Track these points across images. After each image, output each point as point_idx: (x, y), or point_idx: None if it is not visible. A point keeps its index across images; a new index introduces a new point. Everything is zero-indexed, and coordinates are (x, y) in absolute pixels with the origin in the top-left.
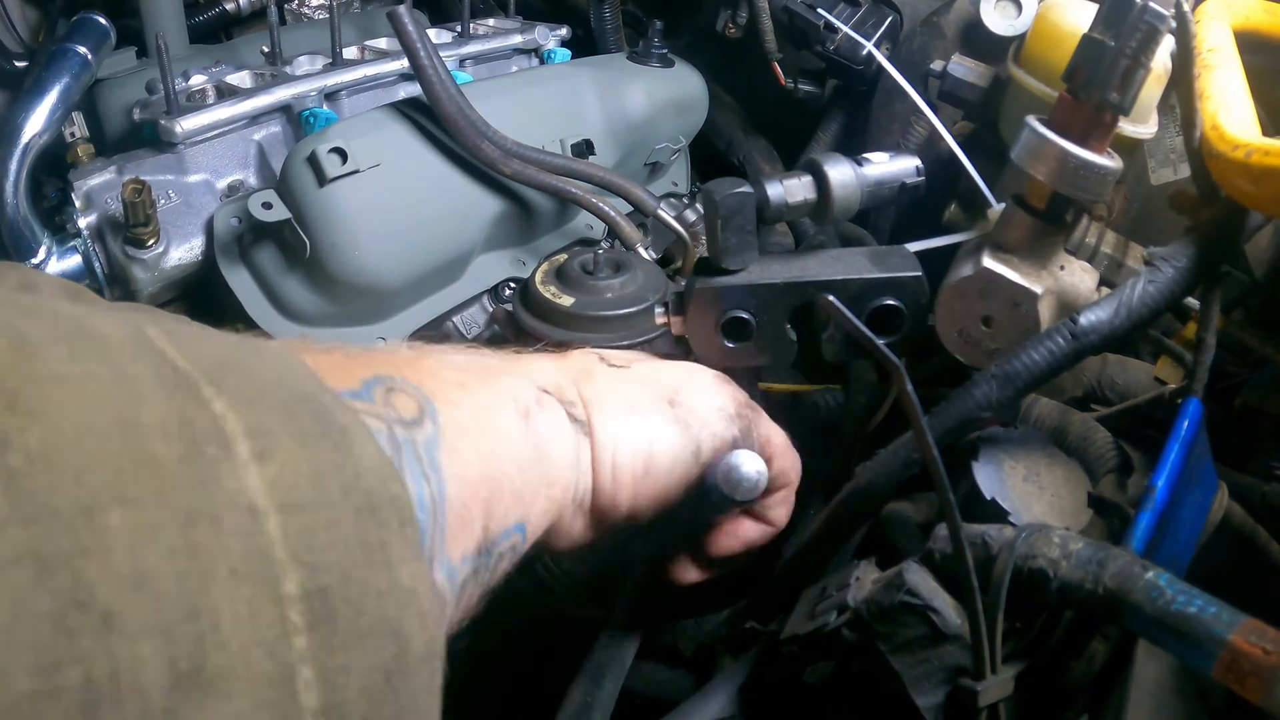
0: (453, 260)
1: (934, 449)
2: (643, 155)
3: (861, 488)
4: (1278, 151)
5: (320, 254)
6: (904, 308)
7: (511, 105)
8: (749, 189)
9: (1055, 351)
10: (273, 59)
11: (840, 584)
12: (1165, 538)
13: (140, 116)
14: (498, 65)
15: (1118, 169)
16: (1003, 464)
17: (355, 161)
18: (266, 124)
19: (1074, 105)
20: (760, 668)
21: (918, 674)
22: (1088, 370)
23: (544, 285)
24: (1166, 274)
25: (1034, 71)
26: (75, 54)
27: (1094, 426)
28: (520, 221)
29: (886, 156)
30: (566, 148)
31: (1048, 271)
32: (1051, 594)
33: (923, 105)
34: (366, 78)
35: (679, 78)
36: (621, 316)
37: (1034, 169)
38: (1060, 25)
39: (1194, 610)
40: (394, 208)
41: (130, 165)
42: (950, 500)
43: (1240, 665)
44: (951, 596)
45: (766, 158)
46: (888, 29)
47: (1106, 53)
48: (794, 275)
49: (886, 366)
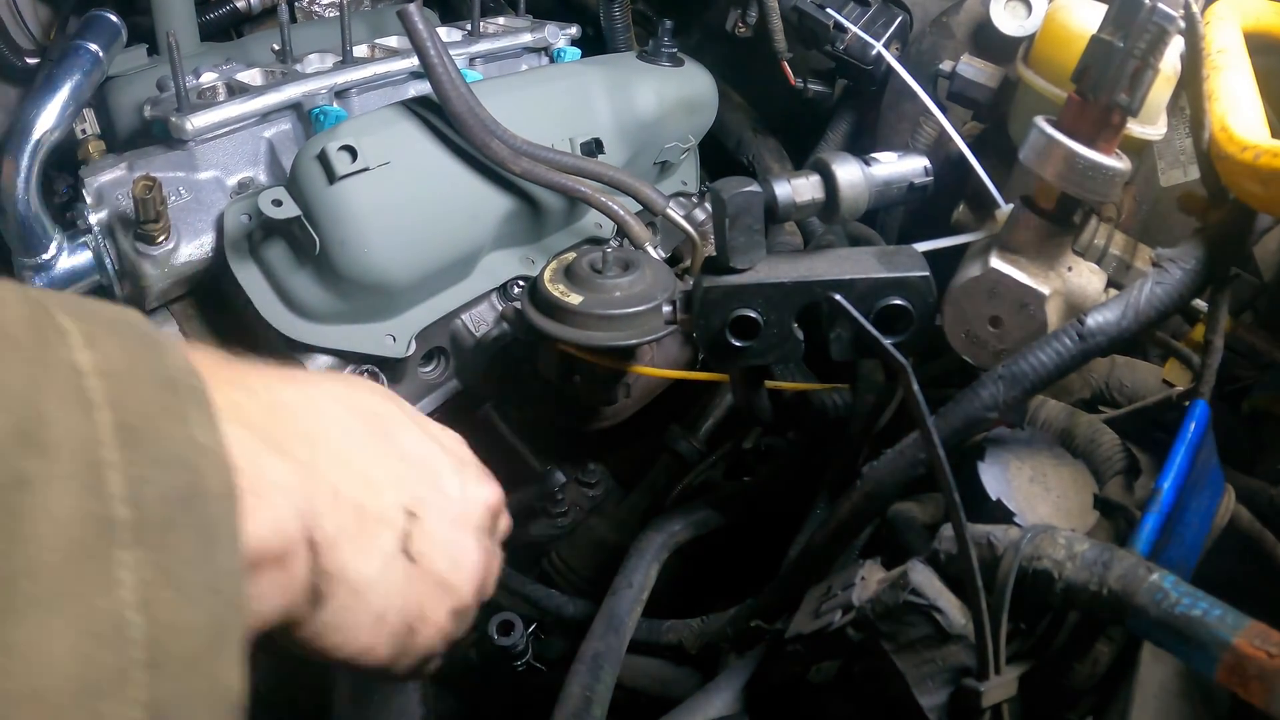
0: (462, 258)
1: (940, 449)
2: (652, 154)
3: (869, 489)
4: None
5: (330, 251)
6: (911, 308)
7: (521, 104)
8: (757, 188)
9: (1063, 352)
10: (283, 56)
11: (845, 583)
12: (1171, 541)
13: (151, 113)
14: (507, 64)
15: (1126, 170)
16: (1009, 465)
17: (365, 159)
18: (277, 121)
19: (1083, 106)
20: (765, 666)
21: (922, 674)
22: (1095, 372)
23: (553, 283)
24: (1174, 276)
25: (1043, 72)
26: (86, 51)
27: (1101, 428)
28: (529, 220)
29: (895, 156)
30: (576, 146)
31: (1055, 273)
32: (1056, 595)
33: (931, 106)
34: (377, 76)
35: (689, 77)
36: (629, 315)
37: (1042, 170)
38: (1069, 26)
39: (1198, 613)
40: (403, 205)
41: (141, 162)
42: (955, 501)
43: (1244, 668)
44: (956, 597)
45: (776, 157)
46: (897, 29)
47: (1115, 54)
48: (802, 275)
49: (893, 366)
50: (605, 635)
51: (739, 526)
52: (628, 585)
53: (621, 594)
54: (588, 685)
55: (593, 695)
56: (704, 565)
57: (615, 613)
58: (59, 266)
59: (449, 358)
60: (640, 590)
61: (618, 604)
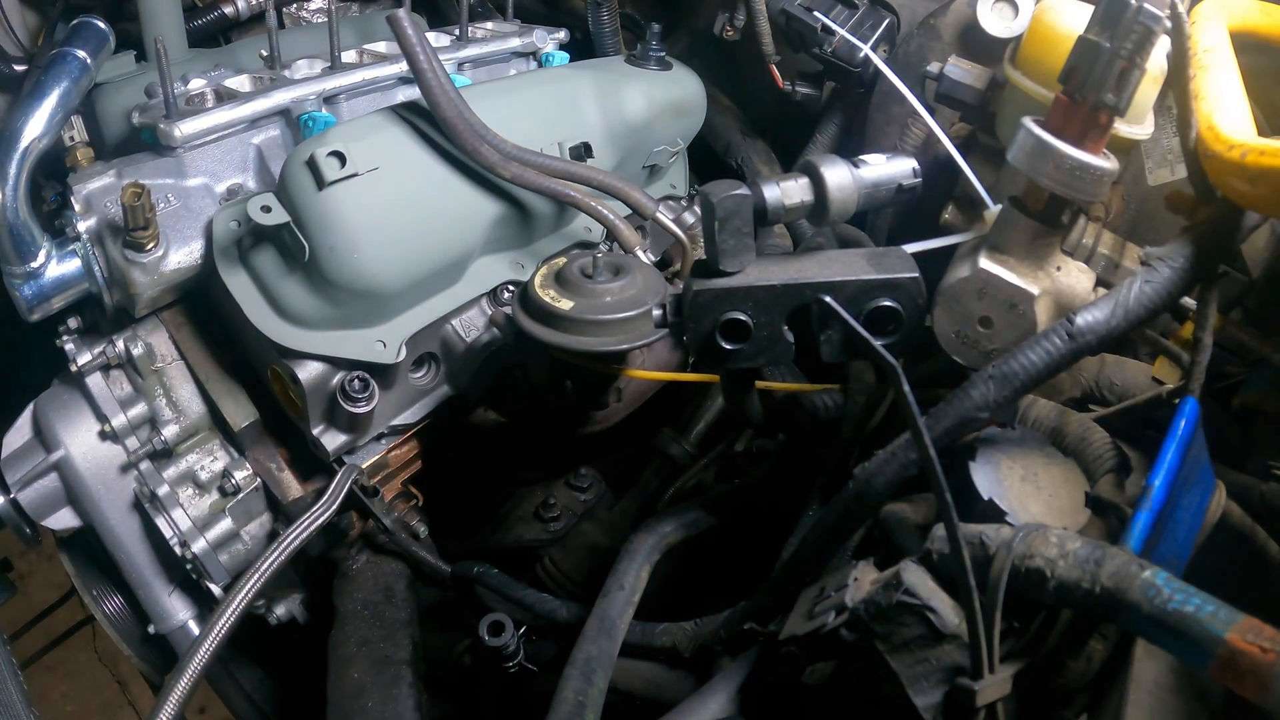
0: (451, 263)
1: (931, 450)
2: (641, 158)
3: (860, 490)
4: (1273, 151)
5: (319, 257)
6: (901, 309)
7: (510, 108)
8: (746, 191)
9: (1052, 352)
10: (271, 63)
11: (838, 584)
12: (1163, 537)
13: (139, 120)
14: (496, 68)
15: (1114, 170)
16: (1000, 464)
17: (354, 165)
18: (265, 127)
19: (1070, 107)
20: (759, 668)
21: (916, 674)
22: (1086, 371)
23: (543, 289)
24: (1163, 274)
25: (1030, 73)
26: (74, 58)
27: (1092, 427)
28: (519, 224)
29: (883, 159)
30: (565, 150)
31: (1044, 272)
32: (1049, 593)
33: (919, 107)
34: (365, 81)
35: (677, 80)
36: (621, 320)
37: (1030, 170)
38: (1056, 27)
39: (1191, 609)
40: (393, 210)
41: (129, 169)
42: (948, 501)
43: (1238, 664)
44: (950, 596)
45: (764, 159)
46: (884, 31)
47: (1102, 54)
48: (791, 277)
49: (884, 367)
50: (598, 638)
51: (732, 528)
52: (619, 587)
53: (613, 596)
54: (580, 689)
55: (586, 699)
56: (698, 568)
57: (607, 615)
58: (48, 274)
59: (439, 363)
60: (632, 592)
61: (609, 606)
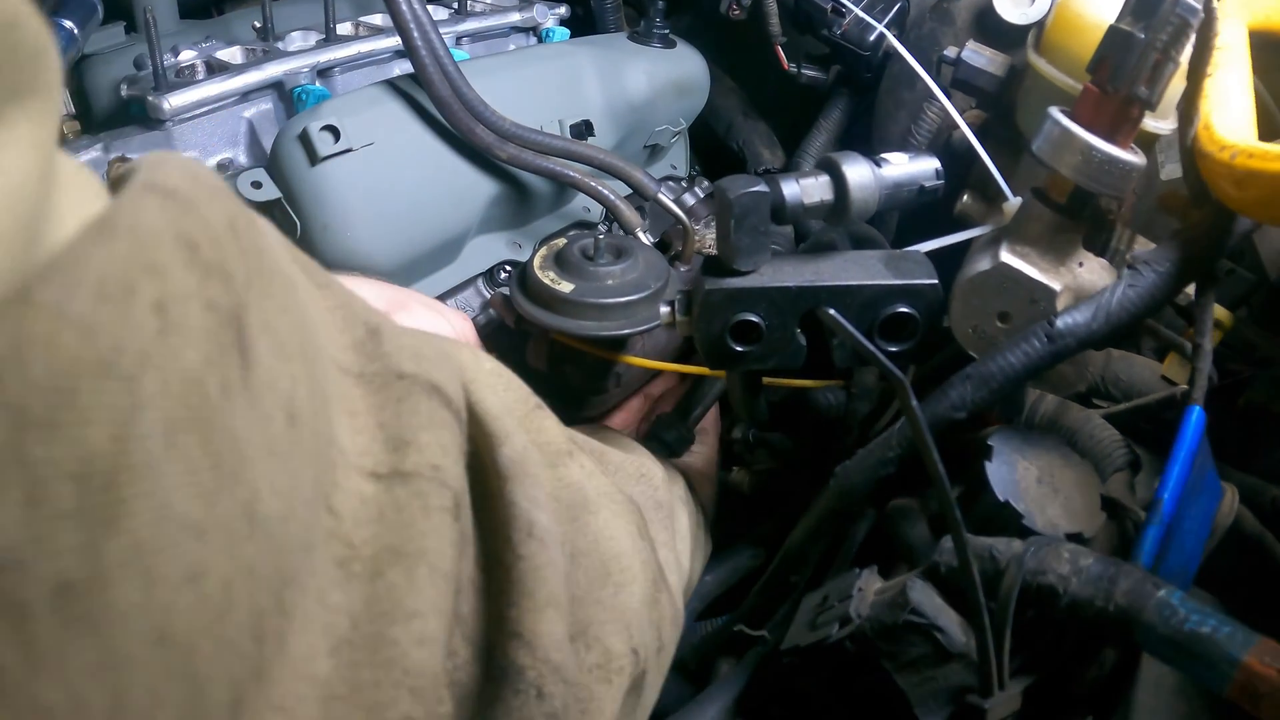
0: (447, 242)
1: (939, 464)
2: (642, 137)
3: (842, 487)
4: (1261, 154)
5: (311, 235)
6: (918, 315)
7: (509, 84)
8: (764, 188)
9: (1031, 354)
10: (264, 34)
11: (842, 594)
12: (1171, 549)
13: (128, 93)
14: (495, 43)
15: (1143, 164)
16: (1016, 466)
17: (348, 140)
18: (257, 101)
19: (1100, 98)
20: (759, 677)
21: (924, 693)
22: (1091, 365)
23: (543, 270)
24: (1147, 279)
25: (1055, 61)
26: (61, 29)
27: (1101, 424)
28: (517, 203)
29: (905, 157)
30: (565, 128)
31: (1066, 268)
32: (1061, 611)
33: (938, 93)
34: (361, 54)
35: (680, 59)
36: (623, 304)
37: (1056, 162)
38: (1084, 14)
39: (1207, 630)
40: (387, 188)
41: (117, 143)
42: (956, 516)
43: (1255, 687)
44: (957, 612)
45: (766, 143)
46: (895, 15)
47: (1135, 45)
48: (807, 279)
49: (891, 382)
50: None
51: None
52: None
53: None
54: None
55: None
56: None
57: None
58: None
59: None
60: None
61: None
